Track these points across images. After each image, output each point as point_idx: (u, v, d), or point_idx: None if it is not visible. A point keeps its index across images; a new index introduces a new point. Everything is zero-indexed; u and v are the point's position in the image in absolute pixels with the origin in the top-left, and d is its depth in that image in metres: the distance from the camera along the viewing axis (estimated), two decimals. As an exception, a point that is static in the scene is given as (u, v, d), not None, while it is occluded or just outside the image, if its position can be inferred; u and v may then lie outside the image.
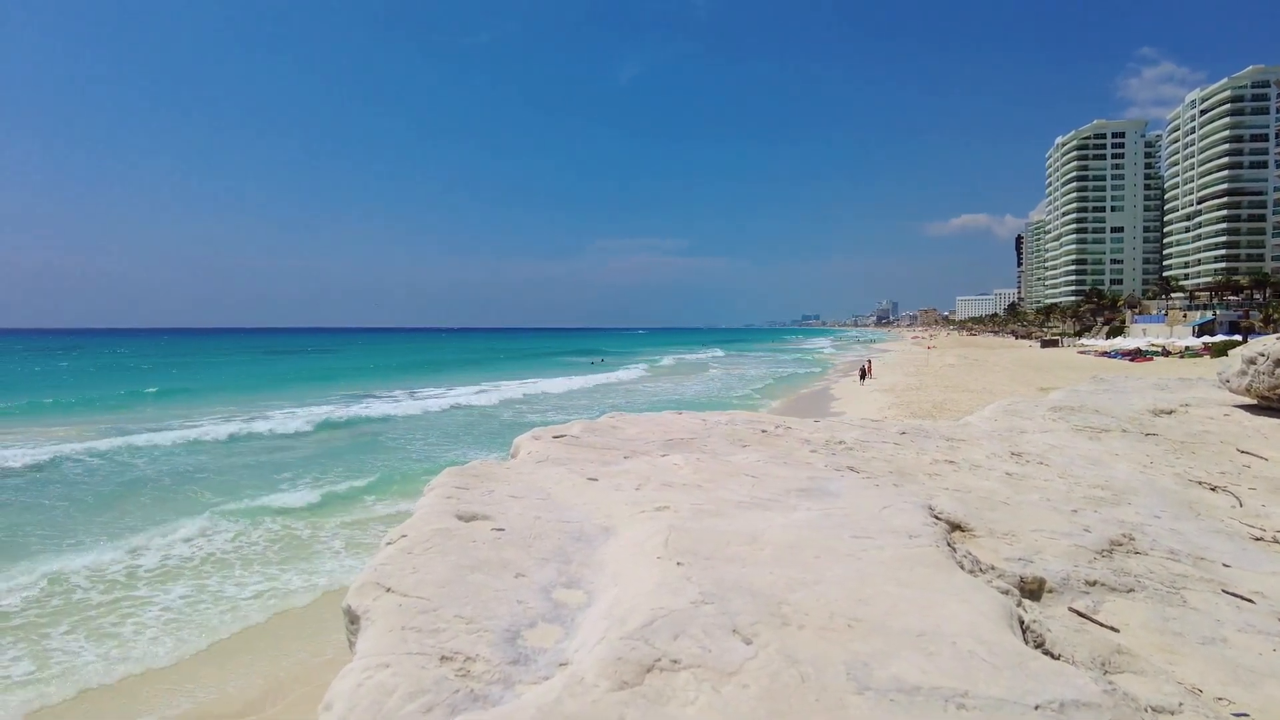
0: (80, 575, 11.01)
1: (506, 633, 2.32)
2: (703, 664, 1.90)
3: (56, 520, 14.50)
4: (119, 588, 10.63)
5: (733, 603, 2.23)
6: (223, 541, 12.85)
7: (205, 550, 12.40)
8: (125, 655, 8.66)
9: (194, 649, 8.90)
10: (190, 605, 10.14)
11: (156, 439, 22.70)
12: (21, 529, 13.82)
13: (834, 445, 5.23)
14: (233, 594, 10.54)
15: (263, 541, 12.93)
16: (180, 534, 13.08)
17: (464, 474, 4.12)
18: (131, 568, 11.47)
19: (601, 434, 5.25)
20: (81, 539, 13.11)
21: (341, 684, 2.15)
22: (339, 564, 11.86)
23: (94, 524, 14.17)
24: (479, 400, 35.18)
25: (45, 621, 9.41)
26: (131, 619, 9.60)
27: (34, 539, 13.18)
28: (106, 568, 11.40)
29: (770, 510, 3.38)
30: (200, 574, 11.36)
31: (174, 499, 16.20)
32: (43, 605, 9.90)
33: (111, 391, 38.63)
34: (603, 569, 2.75)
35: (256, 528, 13.65)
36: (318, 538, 13.13)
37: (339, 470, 19.24)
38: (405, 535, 3.08)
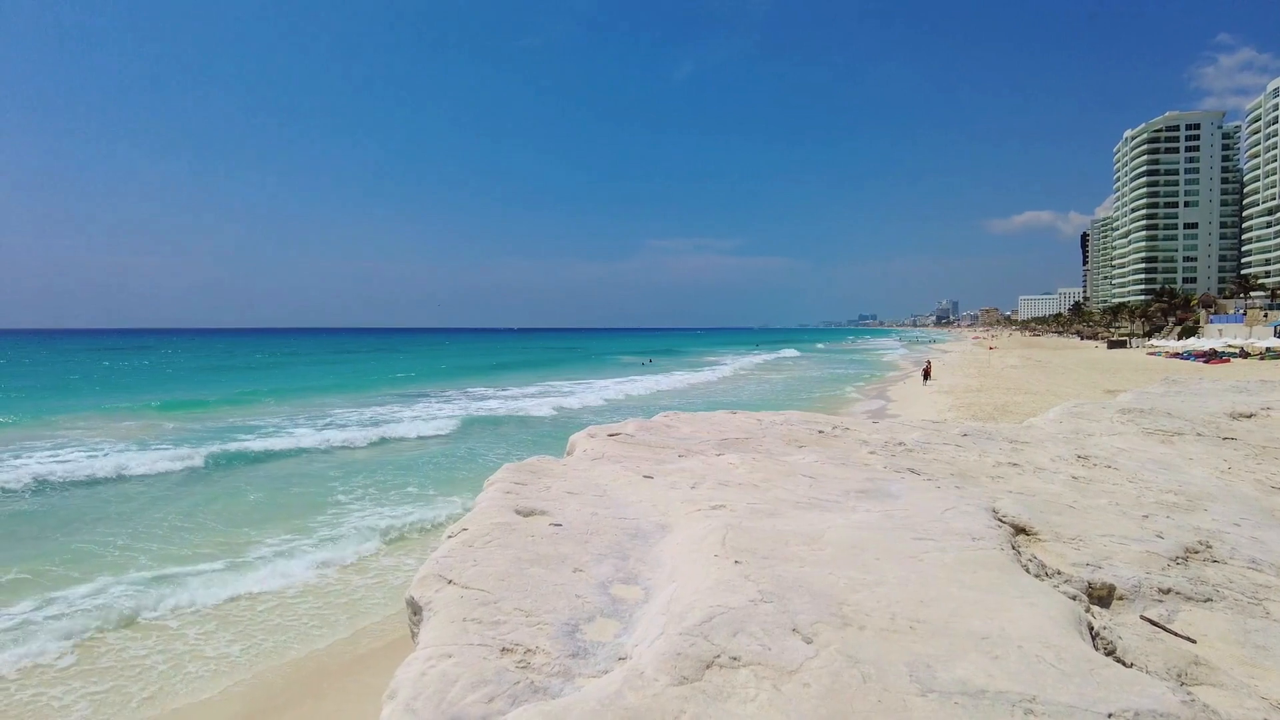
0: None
1: (565, 626, 2.35)
2: (763, 662, 1.90)
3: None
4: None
5: (792, 602, 2.21)
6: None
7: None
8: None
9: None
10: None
11: (351, 436, 23.25)
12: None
13: (893, 447, 5.15)
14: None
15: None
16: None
17: (522, 470, 4.17)
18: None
19: (656, 432, 5.27)
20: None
21: (405, 672, 2.20)
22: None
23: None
24: (584, 400, 35.44)
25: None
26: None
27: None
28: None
29: (829, 511, 3.35)
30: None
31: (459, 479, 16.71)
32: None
33: (238, 390, 39.57)
34: (659, 566, 2.76)
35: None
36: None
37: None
38: (466, 529, 3.14)
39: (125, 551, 11.25)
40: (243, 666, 7.69)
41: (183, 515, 13.55)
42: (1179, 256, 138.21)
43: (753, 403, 33.24)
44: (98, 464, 17.89)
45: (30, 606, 8.96)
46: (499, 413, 30.11)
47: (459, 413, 29.55)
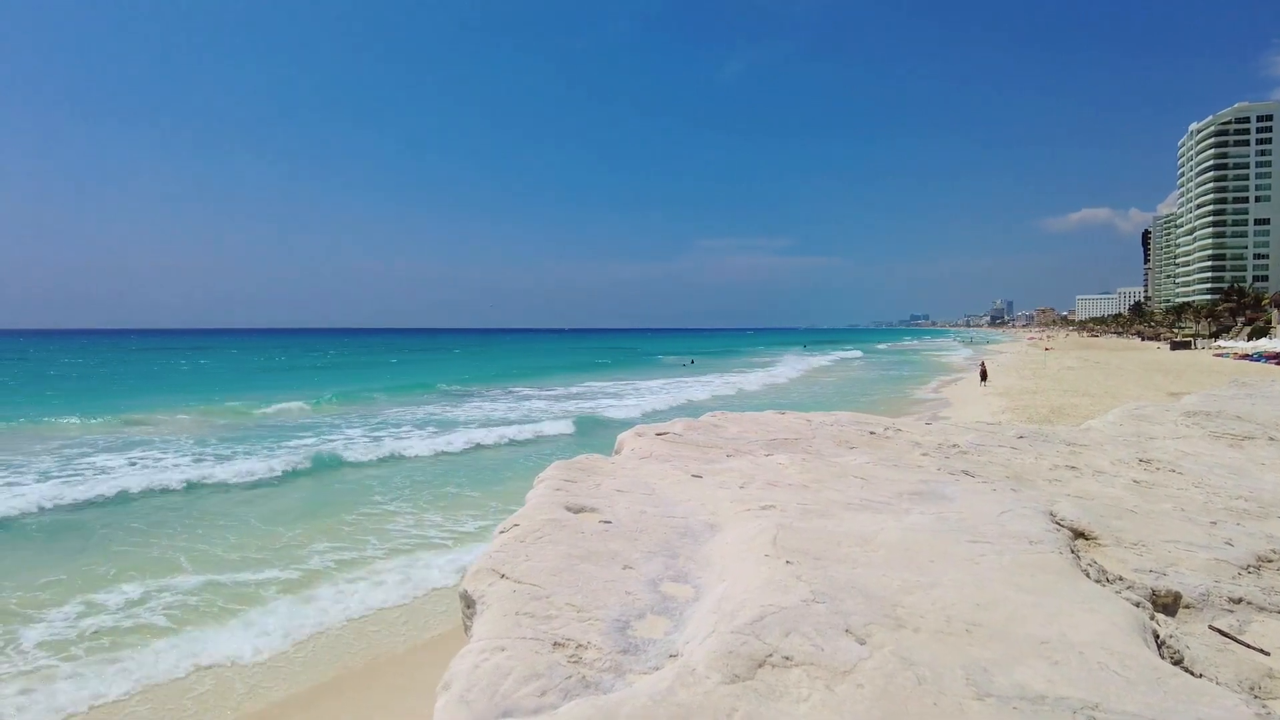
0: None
1: (616, 622, 2.37)
2: (815, 662, 1.89)
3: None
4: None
5: (845, 603, 2.19)
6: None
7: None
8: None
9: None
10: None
11: (510, 433, 23.86)
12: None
13: (947, 449, 5.06)
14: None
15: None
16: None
17: (571, 468, 4.21)
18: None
19: (703, 432, 5.26)
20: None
21: (460, 664, 2.24)
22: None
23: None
24: (678, 397, 35.67)
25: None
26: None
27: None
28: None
29: (881, 513, 3.31)
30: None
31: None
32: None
33: (341, 388, 40.44)
34: (709, 565, 2.76)
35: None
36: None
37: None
38: (518, 525, 3.17)
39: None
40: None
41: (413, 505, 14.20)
42: (1249, 254, 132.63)
43: (802, 404, 32.93)
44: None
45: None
46: (603, 414, 30.22)
47: (567, 412, 30.01)
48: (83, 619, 8.73)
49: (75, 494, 14.86)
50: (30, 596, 9.41)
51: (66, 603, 9.17)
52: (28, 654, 7.90)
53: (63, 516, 13.72)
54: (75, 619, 8.74)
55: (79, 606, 9.08)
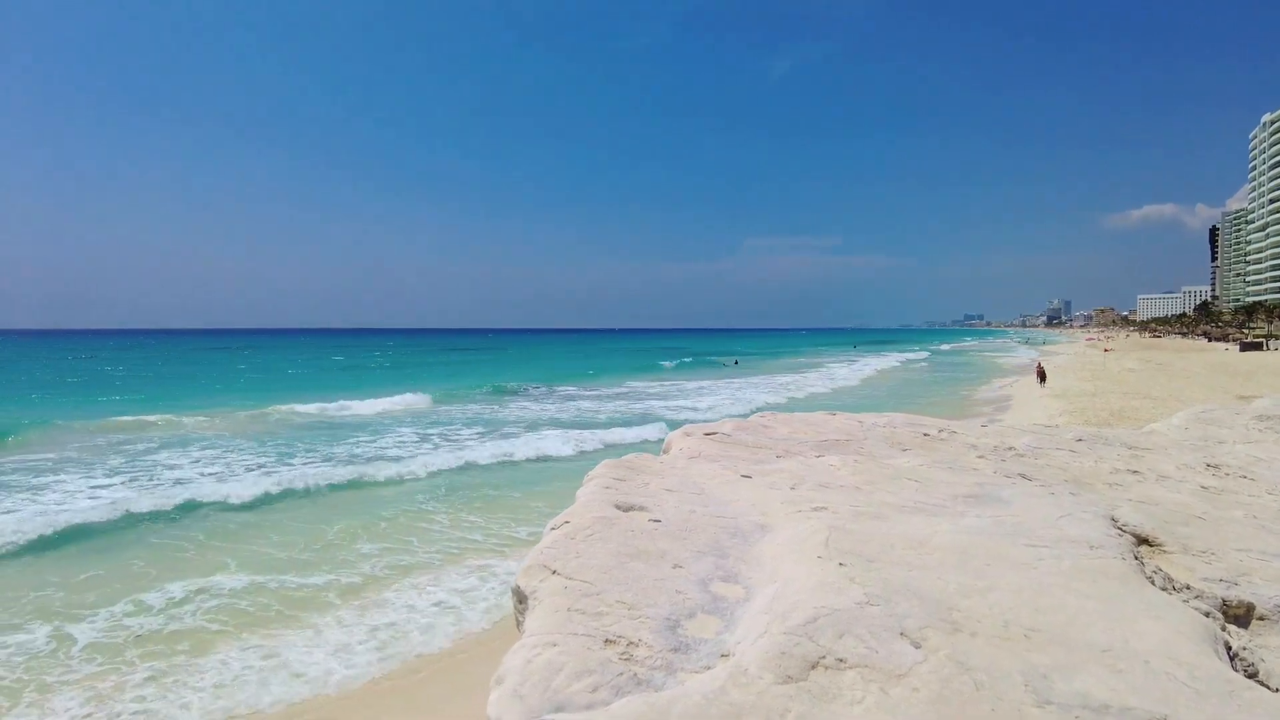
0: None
1: (667, 621, 2.37)
2: (869, 664, 1.87)
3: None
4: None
5: (899, 605, 2.16)
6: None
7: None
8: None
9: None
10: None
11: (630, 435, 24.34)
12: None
13: (1003, 451, 4.95)
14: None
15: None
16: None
17: (620, 466, 4.22)
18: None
19: (752, 432, 5.23)
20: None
21: (513, 659, 2.27)
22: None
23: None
24: (725, 398, 35.89)
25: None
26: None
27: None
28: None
29: (936, 515, 3.25)
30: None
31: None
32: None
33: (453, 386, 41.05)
34: (760, 565, 2.75)
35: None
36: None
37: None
38: (568, 522, 3.20)
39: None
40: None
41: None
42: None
43: (853, 404, 32.49)
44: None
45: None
46: (657, 415, 30.33)
47: (647, 413, 30.28)
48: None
49: (273, 483, 15.94)
50: (229, 604, 9.85)
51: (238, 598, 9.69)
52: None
53: (307, 501, 14.51)
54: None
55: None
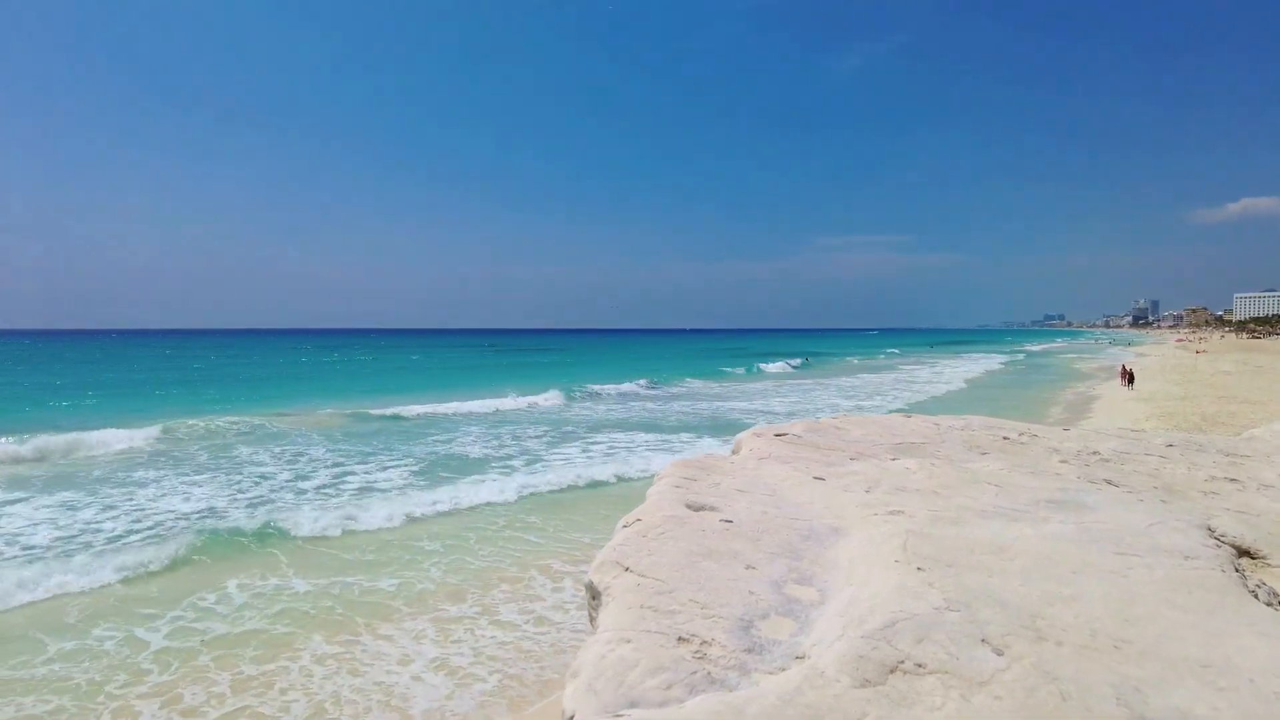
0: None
1: (740, 621, 2.37)
2: (950, 670, 1.83)
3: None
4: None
5: (980, 611, 2.11)
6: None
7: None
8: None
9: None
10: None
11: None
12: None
13: (1087, 456, 4.77)
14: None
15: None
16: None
17: (690, 466, 4.23)
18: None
19: (825, 434, 5.17)
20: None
21: (587, 654, 2.30)
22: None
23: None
24: (792, 400, 35.83)
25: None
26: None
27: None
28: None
29: (1017, 521, 3.16)
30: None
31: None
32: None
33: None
34: (835, 568, 2.72)
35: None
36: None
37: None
38: (640, 520, 3.23)
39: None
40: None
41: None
42: None
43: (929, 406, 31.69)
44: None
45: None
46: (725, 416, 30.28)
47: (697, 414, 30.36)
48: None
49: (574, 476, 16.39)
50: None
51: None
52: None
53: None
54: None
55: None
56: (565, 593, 9.29)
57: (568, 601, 8.93)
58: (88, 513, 13.04)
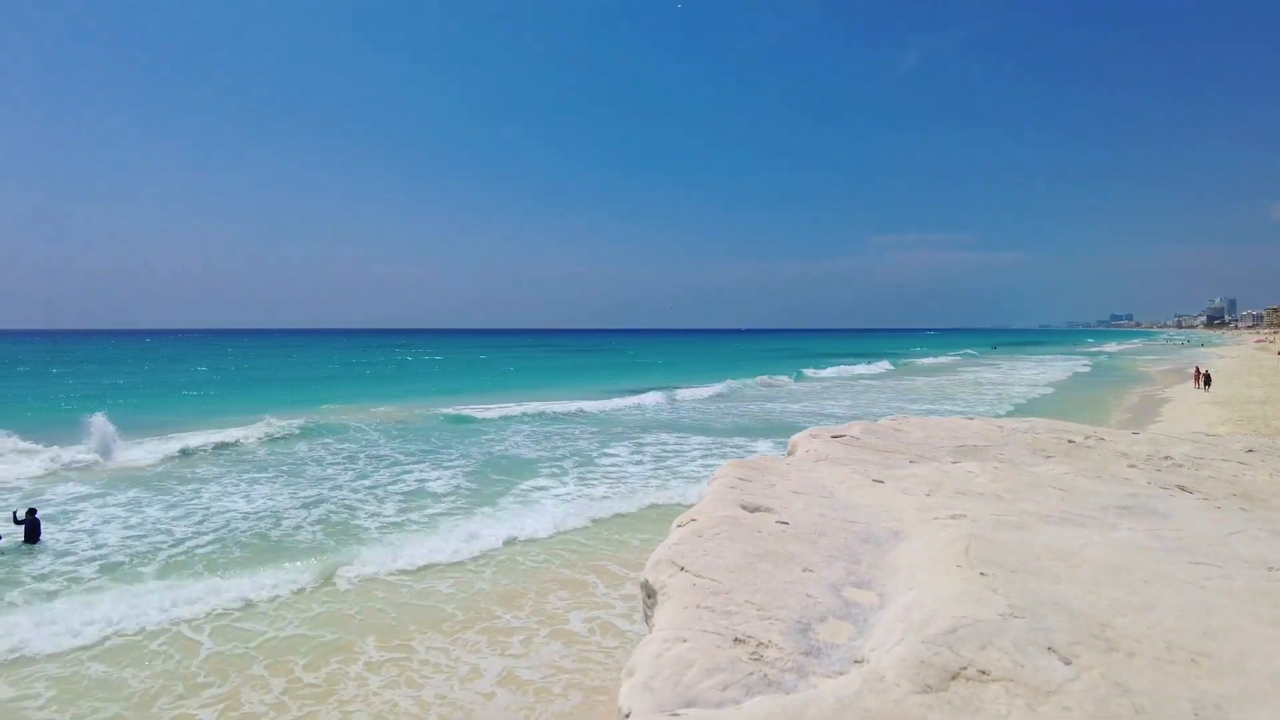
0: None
1: (797, 624, 2.35)
2: (1015, 678, 1.78)
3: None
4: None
5: (1046, 619, 2.06)
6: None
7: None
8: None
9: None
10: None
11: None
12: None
13: (1158, 460, 4.60)
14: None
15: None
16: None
17: (745, 466, 4.21)
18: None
19: (883, 436, 5.08)
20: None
21: (643, 652, 2.31)
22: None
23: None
24: (848, 401, 35.35)
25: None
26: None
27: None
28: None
29: (1084, 527, 3.06)
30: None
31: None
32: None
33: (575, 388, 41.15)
34: (894, 572, 2.67)
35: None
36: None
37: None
38: (695, 520, 3.22)
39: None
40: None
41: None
42: None
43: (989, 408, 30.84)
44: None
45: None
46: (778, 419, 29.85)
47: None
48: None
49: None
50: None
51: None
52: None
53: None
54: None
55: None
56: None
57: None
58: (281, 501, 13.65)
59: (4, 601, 8.82)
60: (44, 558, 10.16)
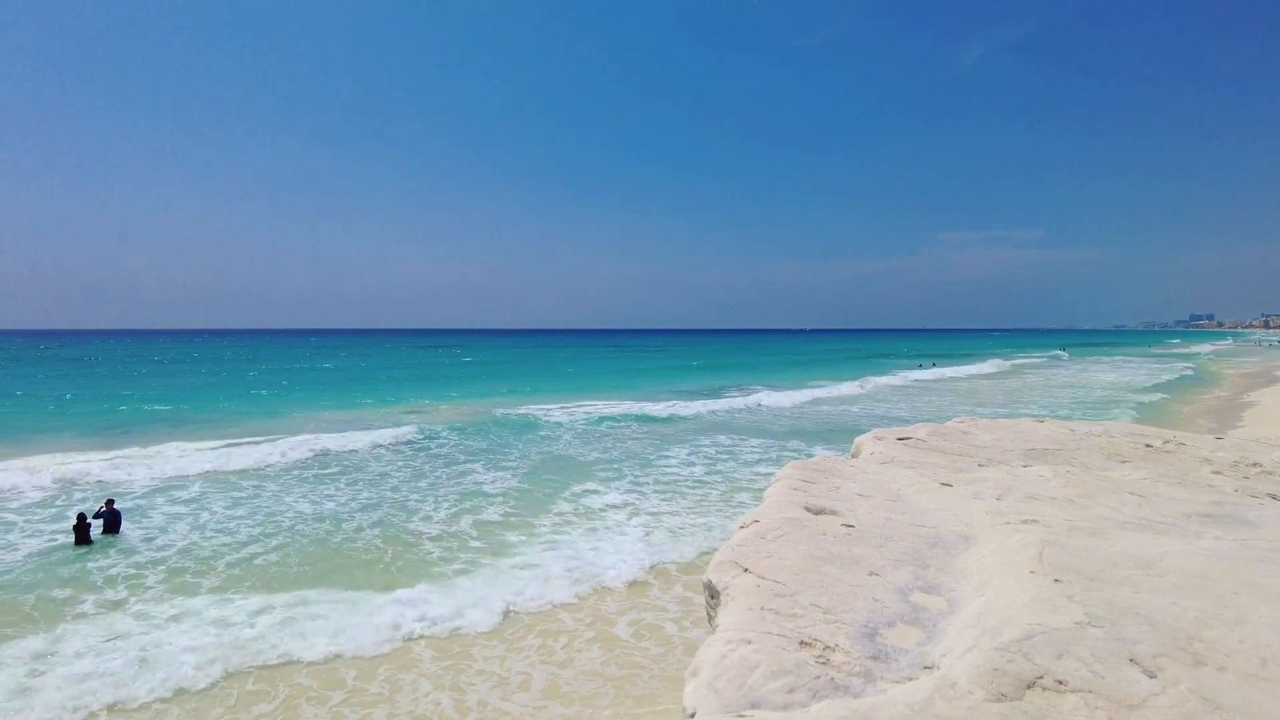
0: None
1: (865, 628, 2.32)
2: (1094, 690, 1.73)
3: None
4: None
5: (1127, 629, 1.98)
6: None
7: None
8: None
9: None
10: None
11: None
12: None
13: (1246, 467, 4.39)
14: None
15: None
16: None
17: (808, 468, 4.16)
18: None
19: (951, 439, 4.97)
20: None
21: (707, 653, 2.31)
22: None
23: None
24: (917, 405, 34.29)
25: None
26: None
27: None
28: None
29: (1165, 535, 2.95)
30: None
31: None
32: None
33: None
34: (964, 577, 2.61)
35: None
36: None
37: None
38: (758, 521, 3.20)
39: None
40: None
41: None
42: None
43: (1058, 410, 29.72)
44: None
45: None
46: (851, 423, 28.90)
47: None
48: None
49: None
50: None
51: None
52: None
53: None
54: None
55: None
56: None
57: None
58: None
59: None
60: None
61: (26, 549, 9.94)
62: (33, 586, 8.48)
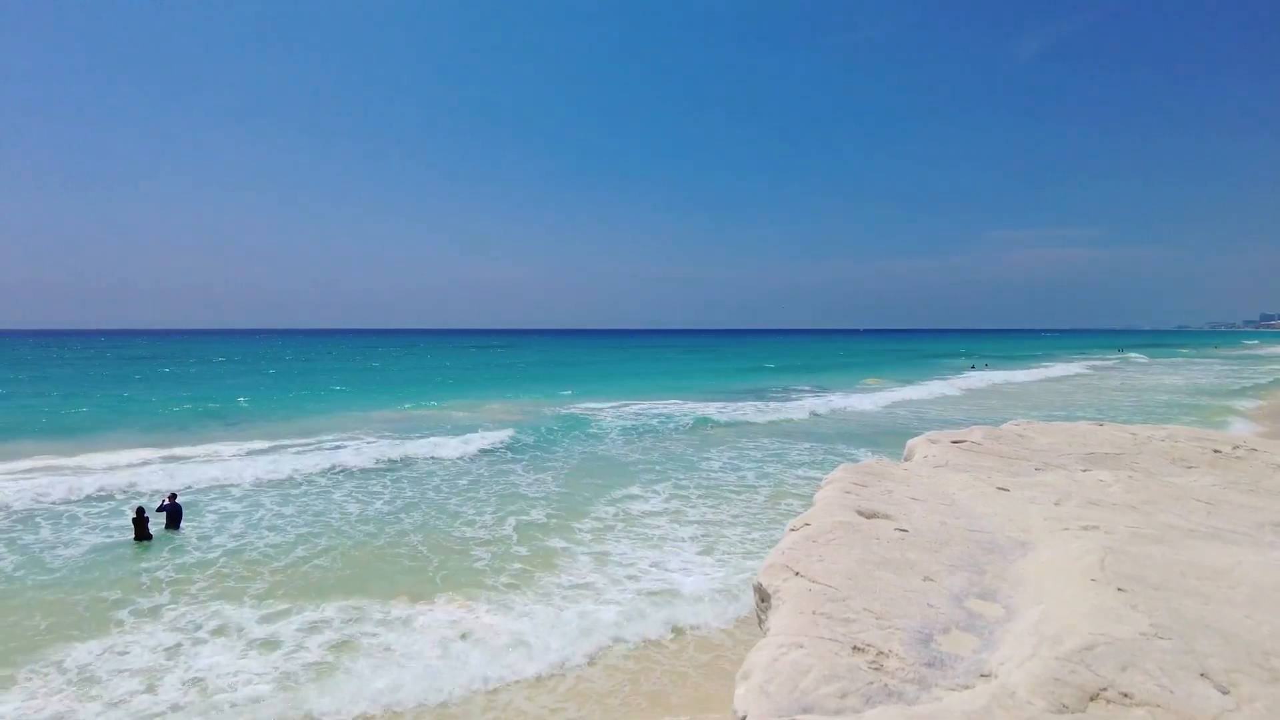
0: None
1: (919, 634, 2.28)
2: (1162, 704, 1.67)
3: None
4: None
5: (1197, 642, 1.92)
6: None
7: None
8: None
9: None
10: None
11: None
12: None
13: (1323, 474, 4.20)
14: None
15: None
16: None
17: (859, 471, 4.10)
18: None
19: (1007, 442, 4.86)
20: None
21: (758, 656, 2.29)
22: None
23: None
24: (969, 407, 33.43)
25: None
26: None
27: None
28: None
29: (1236, 544, 2.84)
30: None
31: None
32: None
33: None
34: (1022, 584, 2.55)
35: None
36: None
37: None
38: (809, 524, 3.17)
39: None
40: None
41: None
42: None
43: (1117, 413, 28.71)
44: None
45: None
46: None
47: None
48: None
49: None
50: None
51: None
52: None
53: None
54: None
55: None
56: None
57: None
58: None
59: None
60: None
61: (87, 544, 10.14)
62: (85, 585, 8.57)
